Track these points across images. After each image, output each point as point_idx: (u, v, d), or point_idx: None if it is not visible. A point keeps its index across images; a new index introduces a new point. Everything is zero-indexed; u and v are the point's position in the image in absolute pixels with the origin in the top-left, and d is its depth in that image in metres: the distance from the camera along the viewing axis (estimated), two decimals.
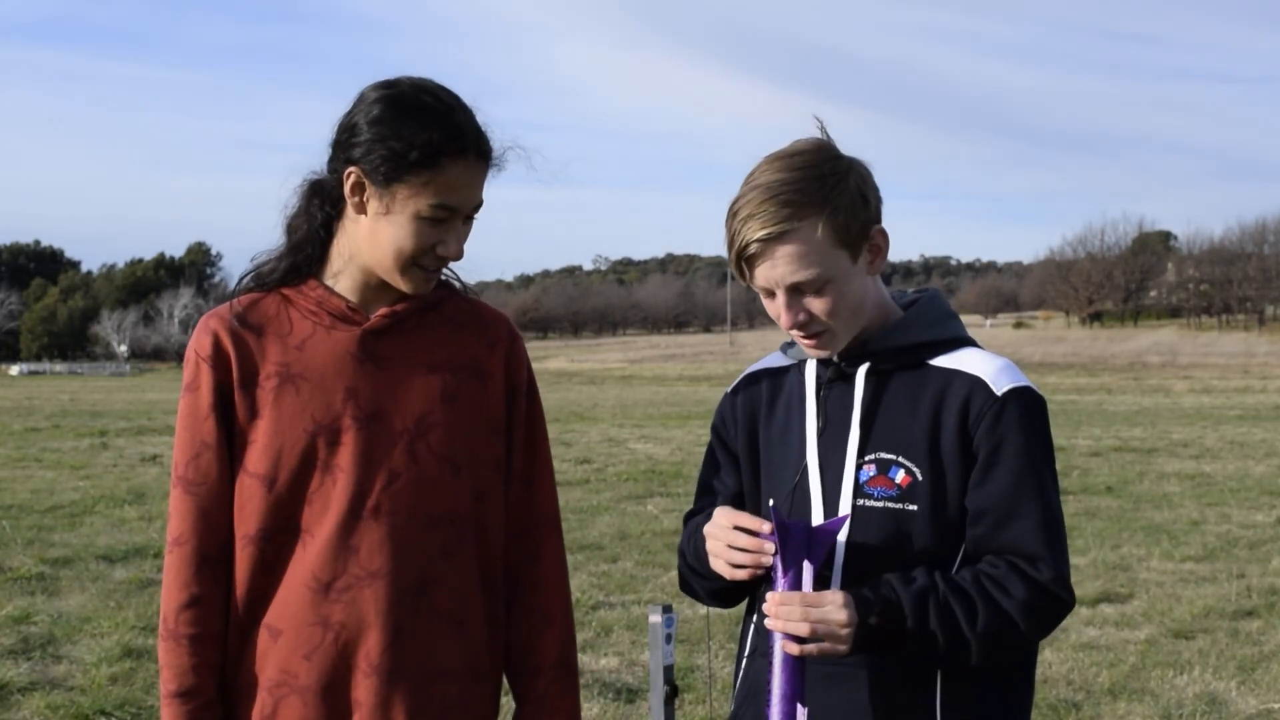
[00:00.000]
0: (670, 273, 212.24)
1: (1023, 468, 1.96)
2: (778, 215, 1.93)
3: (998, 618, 1.91)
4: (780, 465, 2.11)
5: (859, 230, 1.99)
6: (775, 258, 1.95)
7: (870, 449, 2.02)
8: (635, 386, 66.32)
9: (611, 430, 25.02)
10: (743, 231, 1.95)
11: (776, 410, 2.16)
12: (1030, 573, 1.93)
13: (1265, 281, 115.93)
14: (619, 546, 10.05)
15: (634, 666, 6.41)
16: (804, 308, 1.99)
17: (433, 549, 2.03)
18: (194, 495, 2.02)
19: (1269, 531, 11.15)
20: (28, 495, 13.17)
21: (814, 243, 1.94)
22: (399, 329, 2.08)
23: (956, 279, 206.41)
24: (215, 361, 2.03)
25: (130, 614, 7.29)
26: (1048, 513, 1.97)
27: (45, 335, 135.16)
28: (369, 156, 1.96)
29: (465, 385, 2.09)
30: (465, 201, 1.99)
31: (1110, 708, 5.80)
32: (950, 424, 1.99)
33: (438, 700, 2.04)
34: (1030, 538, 1.94)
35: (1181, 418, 30.26)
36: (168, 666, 2.01)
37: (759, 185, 1.96)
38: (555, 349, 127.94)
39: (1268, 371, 71.07)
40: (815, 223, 1.94)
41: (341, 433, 2.01)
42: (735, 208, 1.98)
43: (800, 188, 1.94)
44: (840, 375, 2.07)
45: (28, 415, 30.19)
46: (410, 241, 1.98)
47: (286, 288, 2.08)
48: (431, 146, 1.94)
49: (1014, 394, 1.99)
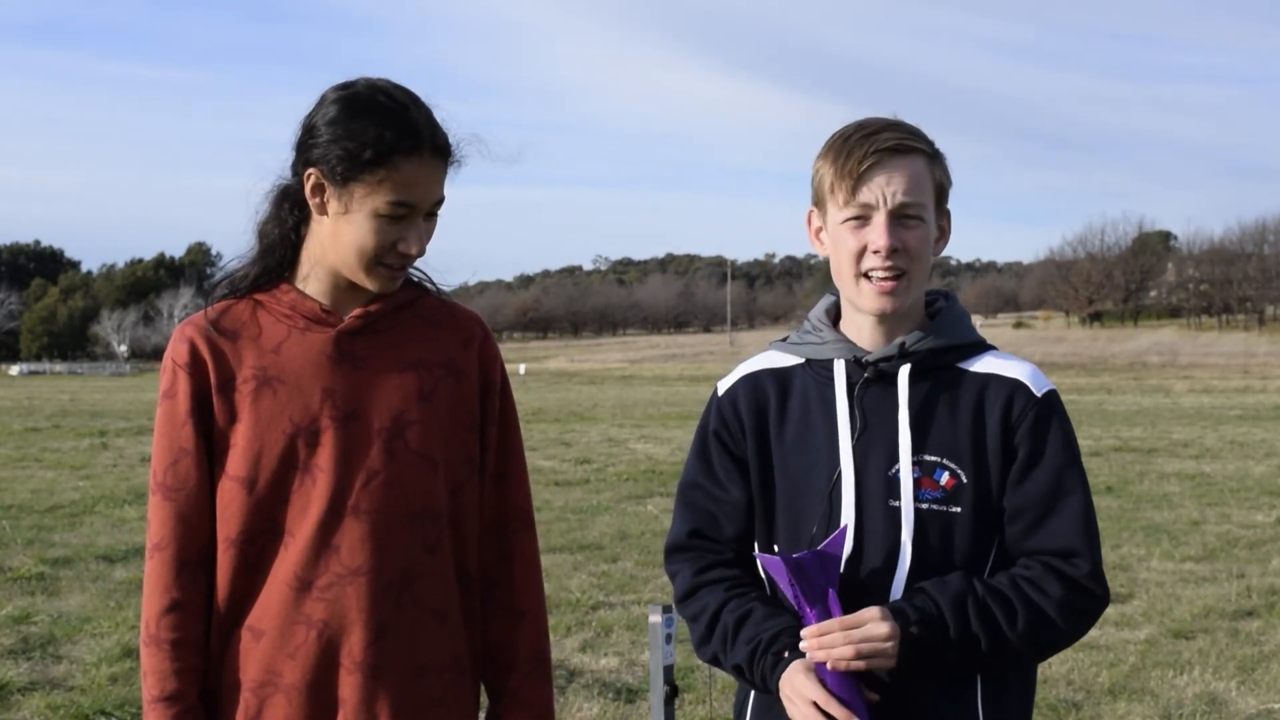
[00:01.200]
0: (670, 273, 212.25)
1: (1062, 466, 1.99)
2: (904, 135, 2.01)
3: (1037, 618, 1.93)
4: (803, 469, 2.05)
5: (944, 193, 2.08)
6: (893, 172, 1.99)
7: (916, 451, 2.01)
8: (635, 386, 66.33)
9: (611, 430, 25.02)
10: (867, 142, 2.00)
11: (790, 412, 2.10)
12: (1066, 570, 1.96)
13: (1265, 281, 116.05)
14: (619, 546, 10.04)
15: (634, 666, 6.40)
16: (900, 235, 2.00)
17: (414, 545, 2.04)
18: (173, 501, 2.04)
19: (1269, 531, 11.15)
20: (28, 495, 13.17)
21: (926, 174, 2.03)
22: (373, 329, 2.09)
23: (956, 279, 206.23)
24: (192, 368, 2.05)
25: (130, 614, 7.29)
26: (1085, 510, 1.99)
27: (45, 335, 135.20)
28: (326, 157, 1.99)
29: (441, 383, 2.11)
30: (422, 197, 2.01)
31: (1110, 708, 5.80)
32: (993, 425, 2.00)
33: (423, 694, 2.06)
34: (1069, 533, 1.97)
35: (1181, 418, 30.27)
36: (151, 672, 2.02)
37: (879, 117, 2.05)
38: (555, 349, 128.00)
39: (1268, 371, 71.12)
40: (929, 159, 2.04)
41: (320, 433, 2.03)
42: (854, 127, 2.04)
43: (916, 129, 2.05)
44: (879, 376, 2.05)
45: (28, 415, 30.20)
46: (370, 239, 1.99)
47: (259, 293, 2.10)
48: (384, 144, 1.97)
49: (1052, 395, 2.03)
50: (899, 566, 1.97)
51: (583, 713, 5.64)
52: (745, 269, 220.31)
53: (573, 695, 5.87)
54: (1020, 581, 1.95)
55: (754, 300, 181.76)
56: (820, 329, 2.12)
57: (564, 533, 10.73)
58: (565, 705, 5.73)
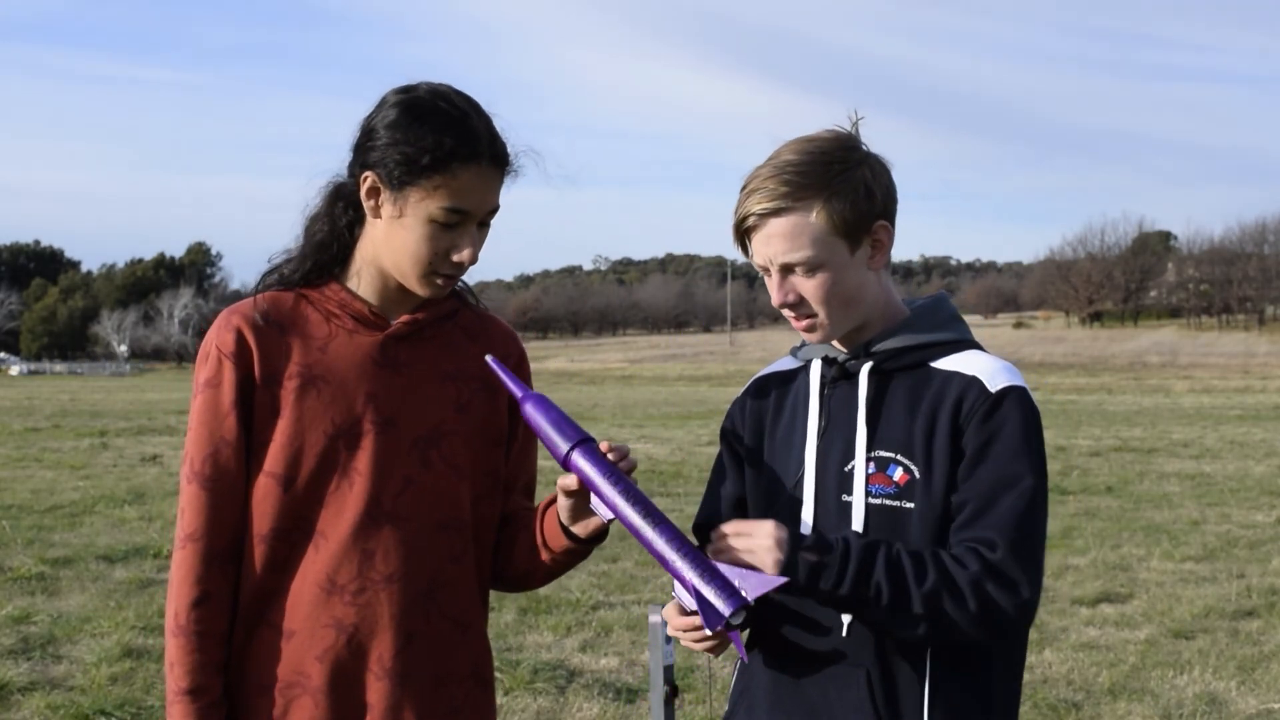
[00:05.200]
0: (670, 273, 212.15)
1: (1008, 462, 1.95)
2: (777, 193, 1.97)
3: (947, 585, 1.87)
4: (780, 467, 2.12)
5: (859, 222, 2.00)
6: (769, 234, 1.99)
7: (871, 447, 2.02)
8: (635, 386, 66.32)
9: (611, 430, 25.01)
10: (744, 204, 2.00)
11: (783, 413, 2.16)
12: (986, 554, 1.90)
13: (1265, 281, 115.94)
14: (619, 546, 10.04)
15: (634, 666, 6.41)
16: (794, 289, 2.01)
17: (441, 554, 2.05)
18: (210, 491, 2.02)
19: (1269, 531, 11.15)
20: (28, 495, 13.17)
21: (808, 226, 1.97)
22: (418, 336, 2.10)
23: (956, 279, 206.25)
24: (238, 358, 2.03)
25: (130, 614, 7.29)
26: (1022, 505, 1.93)
27: (45, 335, 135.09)
28: (384, 161, 1.99)
29: (475, 397, 2.13)
30: (478, 206, 2.00)
31: (1110, 708, 5.80)
32: (943, 420, 1.99)
33: (445, 703, 2.07)
34: (998, 528, 1.91)
35: (1181, 418, 30.26)
36: (178, 664, 2.00)
37: (770, 163, 2.01)
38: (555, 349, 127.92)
39: (1268, 371, 71.06)
40: (812, 206, 1.97)
41: (361, 436, 2.02)
42: (745, 181, 2.03)
43: (805, 170, 1.98)
44: (844, 374, 2.08)
45: (28, 415, 30.18)
46: (424, 246, 1.99)
47: (307, 288, 2.10)
48: (443, 150, 1.96)
49: (1008, 392, 1.98)
50: None
51: (583, 713, 5.64)
52: (745, 269, 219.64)
53: (573, 695, 5.87)
54: (940, 552, 1.92)
55: (754, 300, 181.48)
56: None
57: None
58: (565, 705, 5.73)
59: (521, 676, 6.03)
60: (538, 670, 6.19)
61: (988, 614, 1.89)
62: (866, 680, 1.99)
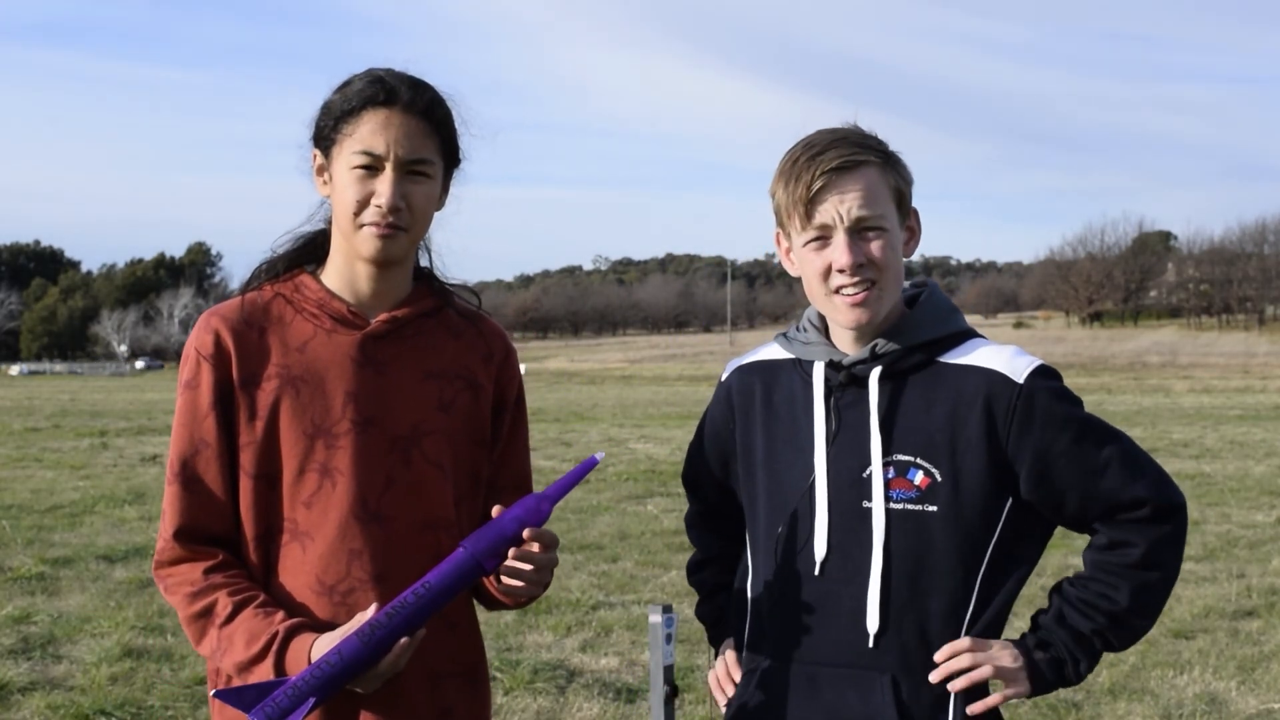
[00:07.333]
0: (670, 273, 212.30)
1: (1077, 437, 1.99)
2: (851, 150, 1.99)
3: (1138, 581, 2.00)
4: (786, 468, 2.09)
5: (905, 197, 2.06)
6: (845, 190, 1.98)
7: (888, 451, 2.01)
8: (635, 386, 66.30)
9: (611, 430, 25.01)
10: (814, 164, 1.99)
11: (778, 407, 2.13)
12: (1137, 516, 2.00)
13: (1265, 281, 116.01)
14: (619, 546, 10.04)
15: (634, 666, 6.40)
16: (863, 250, 2.00)
17: (426, 553, 2.04)
18: (191, 492, 2.03)
19: (1269, 531, 11.15)
20: (28, 495, 13.17)
21: (881, 183, 2.01)
22: (398, 334, 2.09)
23: (956, 279, 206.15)
24: (216, 360, 2.04)
25: (130, 614, 7.29)
26: (1121, 455, 2.01)
27: (45, 335, 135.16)
28: (319, 132, 2.06)
29: (459, 396, 2.12)
30: (387, 148, 2.00)
31: (1110, 708, 5.80)
32: (974, 423, 1.98)
33: (437, 702, 2.07)
34: (1117, 485, 1.99)
35: (1181, 418, 30.25)
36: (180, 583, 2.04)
37: (825, 131, 2.04)
38: (555, 349, 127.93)
39: (1268, 371, 71.07)
40: (880, 167, 2.01)
41: (339, 436, 2.02)
42: (801, 148, 2.03)
43: (864, 137, 2.04)
44: (852, 379, 2.05)
45: (28, 415, 30.19)
46: (347, 193, 2.02)
47: (285, 286, 2.10)
48: (349, 102, 2.02)
49: (1033, 378, 2.00)
50: (871, 566, 1.99)
51: (583, 713, 5.64)
52: (745, 269, 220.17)
53: (573, 695, 5.87)
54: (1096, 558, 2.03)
55: (754, 300, 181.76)
56: (807, 330, 2.15)
57: (564, 533, 10.71)
58: (565, 705, 5.73)
59: (521, 676, 6.03)
60: (538, 670, 6.19)
61: (1172, 552, 2.04)
62: (892, 685, 1.98)
